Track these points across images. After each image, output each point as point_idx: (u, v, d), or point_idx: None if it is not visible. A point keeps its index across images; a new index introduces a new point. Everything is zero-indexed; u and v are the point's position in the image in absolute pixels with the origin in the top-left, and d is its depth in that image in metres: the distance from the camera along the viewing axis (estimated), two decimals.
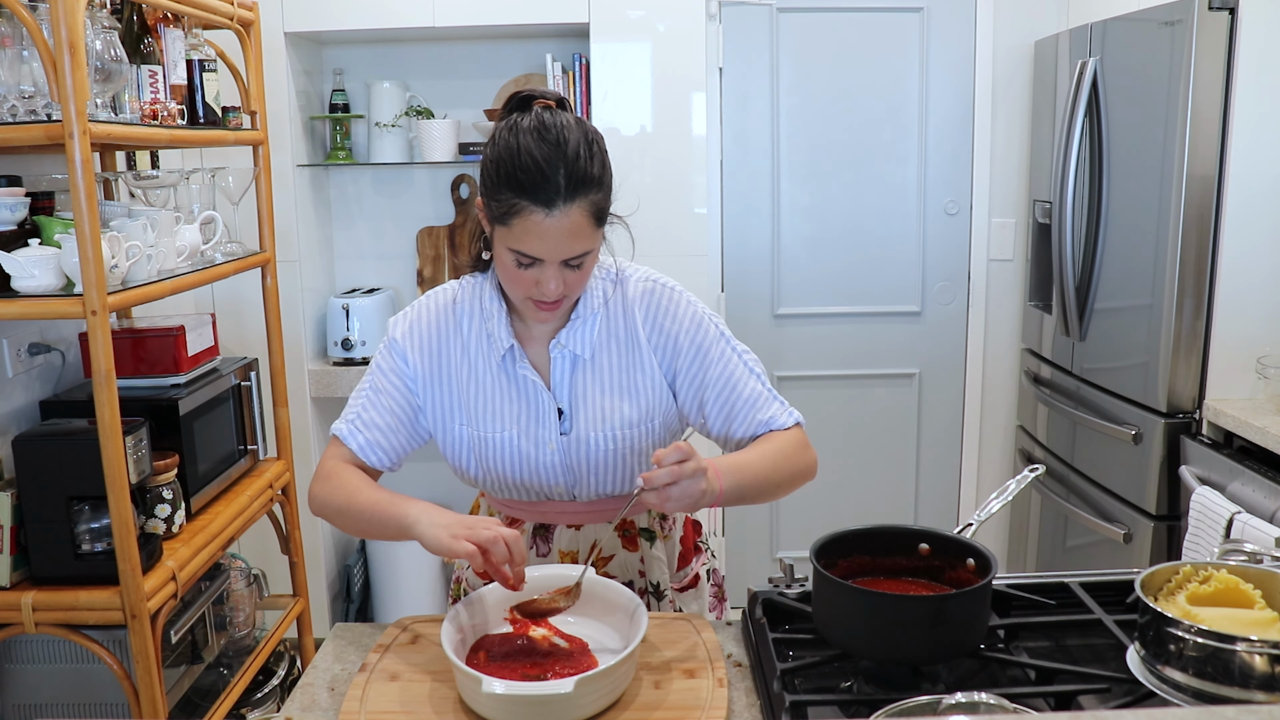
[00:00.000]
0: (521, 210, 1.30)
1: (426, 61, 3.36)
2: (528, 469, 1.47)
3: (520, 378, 1.46)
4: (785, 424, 1.49)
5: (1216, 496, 2.27)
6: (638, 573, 1.55)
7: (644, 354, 1.47)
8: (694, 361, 1.48)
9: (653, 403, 1.47)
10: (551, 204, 1.29)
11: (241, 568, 2.49)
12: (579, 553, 1.53)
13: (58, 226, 1.89)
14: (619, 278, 1.50)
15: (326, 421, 3.38)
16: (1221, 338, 2.46)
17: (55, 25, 1.65)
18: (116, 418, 1.79)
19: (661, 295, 1.49)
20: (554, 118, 1.33)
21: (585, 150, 1.32)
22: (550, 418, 1.46)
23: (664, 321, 1.48)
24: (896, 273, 3.52)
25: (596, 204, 1.33)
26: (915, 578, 1.33)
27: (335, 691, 1.28)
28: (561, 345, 1.46)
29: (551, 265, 1.33)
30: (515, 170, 1.30)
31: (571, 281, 1.36)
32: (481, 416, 1.47)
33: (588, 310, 1.46)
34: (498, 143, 1.34)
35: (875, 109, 3.43)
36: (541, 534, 1.54)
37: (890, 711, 1.02)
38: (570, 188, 1.29)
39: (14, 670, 2.06)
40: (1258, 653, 1.02)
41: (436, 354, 1.49)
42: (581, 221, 1.31)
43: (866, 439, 3.62)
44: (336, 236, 3.49)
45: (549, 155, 1.29)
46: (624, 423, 1.46)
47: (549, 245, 1.31)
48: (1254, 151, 2.37)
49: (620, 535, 1.54)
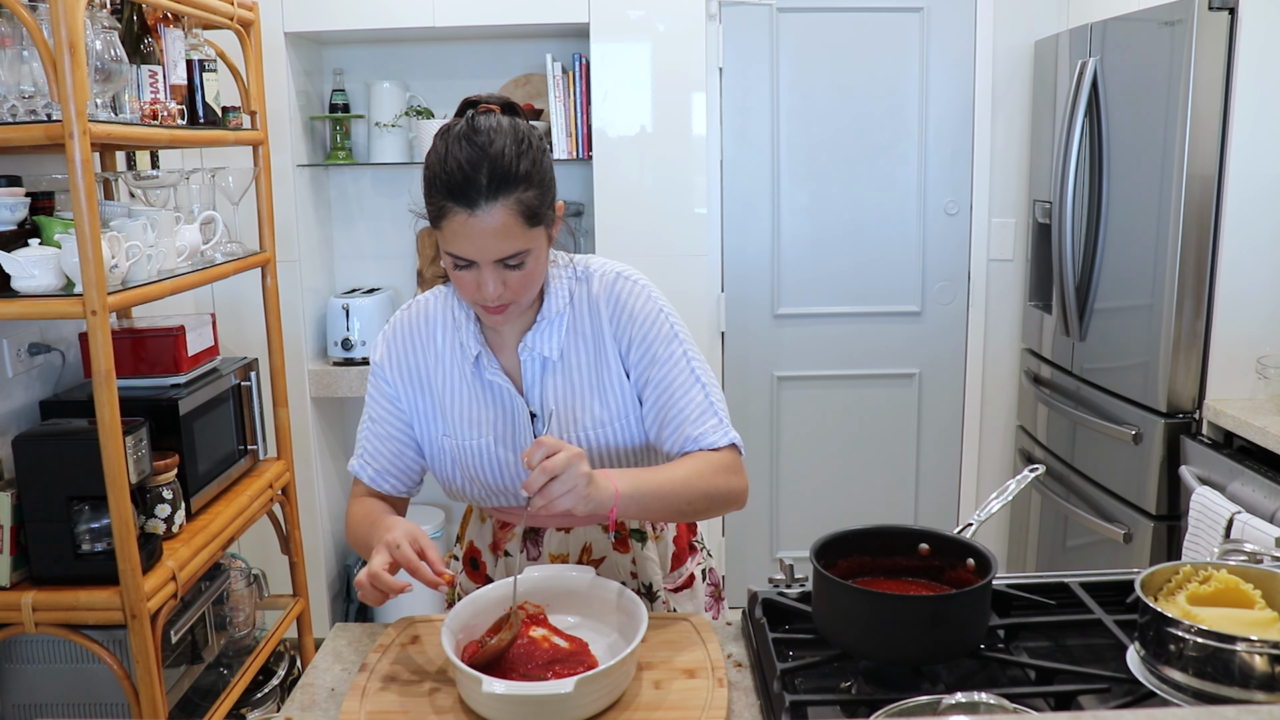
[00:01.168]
0: (448, 212, 1.30)
1: (426, 61, 3.36)
2: (508, 474, 1.48)
3: (491, 384, 1.47)
4: (716, 443, 1.43)
5: (1216, 496, 2.27)
6: (629, 574, 1.55)
7: (608, 350, 1.46)
8: (641, 358, 1.46)
9: (623, 400, 1.46)
10: (474, 204, 1.29)
11: (241, 568, 2.49)
12: (569, 555, 1.53)
13: (58, 226, 1.89)
14: (584, 275, 1.49)
15: (327, 421, 3.39)
16: (1221, 338, 2.46)
17: (55, 25, 1.65)
18: (116, 418, 1.79)
19: (622, 288, 1.47)
20: (487, 120, 1.33)
21: (513, 149, 1.31)
22: (523, 422, 1.46)
23: (621, 315, 1.46)
24: (896, 273, 3.52)
25: (525, 203, 1.31)
26: (915, 578, 1.33)
27: (335, 691, 1.28)
28: (529, 349, 1.45)
29: (486, 266, 1.33)
30: (442, 173, 1.31)
31: (514, 284, 1.35)
32: (460, 425, 1.48)
33: (553, 311, 1.45)
34: (433, 148, 1.35)
35: (875, 109, 3.43)
36: (531, 538, 1.54)
37: (890, 711, 1.02)
38: (492, 187, 1.29)
39: (14, 670, 2.06)
40: (1258, 653, 1.02)
41: (414, 368, 1.50)
42: (509, 220, 1.30)
43: (866, 439, 3.62)
44: (336, 236, 3.49)
45: (473, 157, 1.29)
46: (595, 422, 1.45)
47: (476, 245, 1.31)
48: (1254, 151, 2.37)
49: (611, 536, 1.54)
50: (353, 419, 3.57)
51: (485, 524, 1.59)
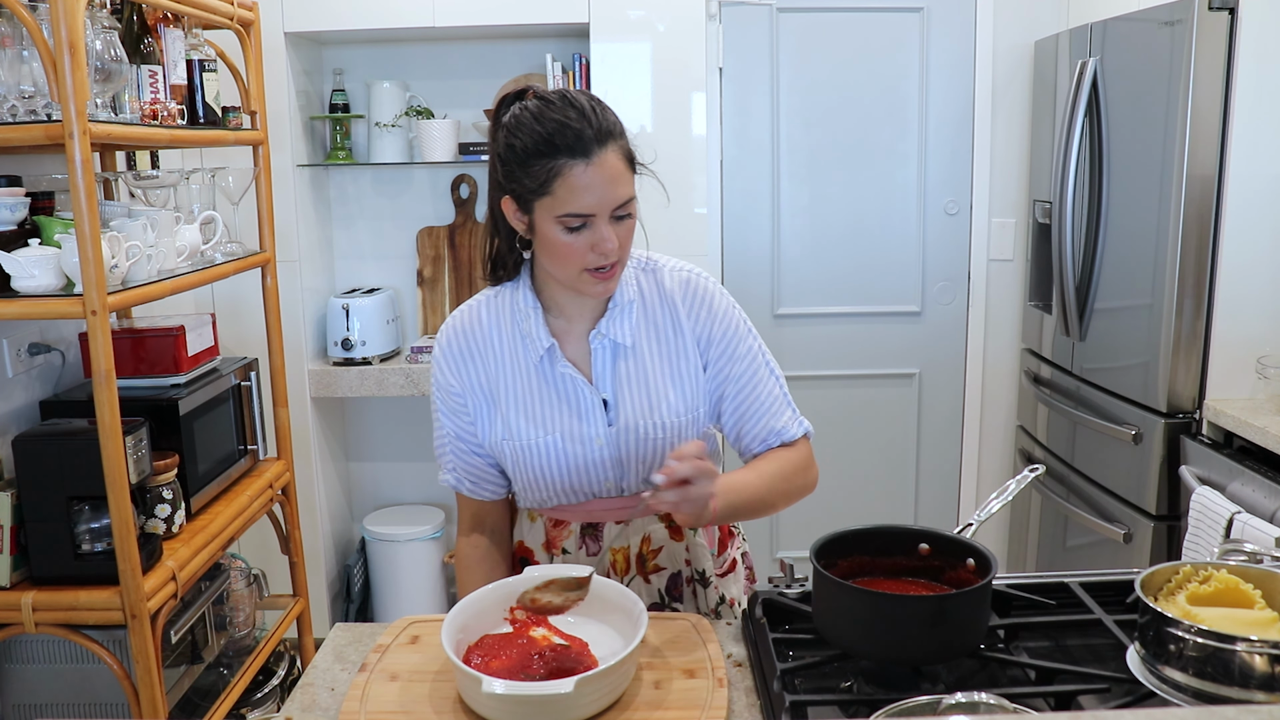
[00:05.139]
0: (562, 169, 1.33)
1: (426, 61, 3.36)
2: (575, 470, 1.48)
3: (561, 376, 1.47)
4: (794, 434, 1.52)
5: (1216, 496, 2.27)
6: (684, 562, 1.55)
7: (687, 342, 1.50)
8: (722, 355, 1.50)
9: (695, 392, 1.49)
10: (589, 152, 1.33)
11: (241, 568, 2.49)
12: (630, 547, 1.54)
13: (58, 226, 1.90)
14: (650, 267, 1.53)
15: (326, 421, 3.38)
16: (1221, 338, 2.46)
17: (55, 25, 1.65)
18: (116, 418, 1.79)
19: (700, 284, 1.52)
20: (553, 91, 1.39)
21: (597, 104, 1.37)
22: (596, 411, 1.47)
23: (701, 310, 1.50)
24: (896, 273, 3.52)
25: (624, 149, 1.38)
26: (915, 578, 1.33)
27: (335, 691, 1.28)
28: (602, 335, 1.47)
29: (603, 219, 1.35)
30: (547, 136, 1.33)
31: (623, 236, 1.39)
32: (522, 425, 1.48)
33: (624, 299, 1.48)
34: (514, 128, 1.37)
35: (875, 109, 3.43)
36: (590, 533, 1.54)
37: (890, 711, 1.02)
38: (599, 136, 1.34)
39: (14, 670, 2.06)
40: (1258, 653, 1.02)
41: (473, 374, 1.50)
42: (618, 165, 1.36)
43: (866, 439, 3.62)
44: (336, 236, 3.49)
45: (570, 114, 1.34)
46: (670, 410, 1.47)
47: (597, 194, 1.34)
48: (1254, 151, 2.37)
49: (666, 526, 1.55)
50: (353, 419, 3.57)
51: (536, 523, 1.58)
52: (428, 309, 3.48)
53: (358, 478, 3.62)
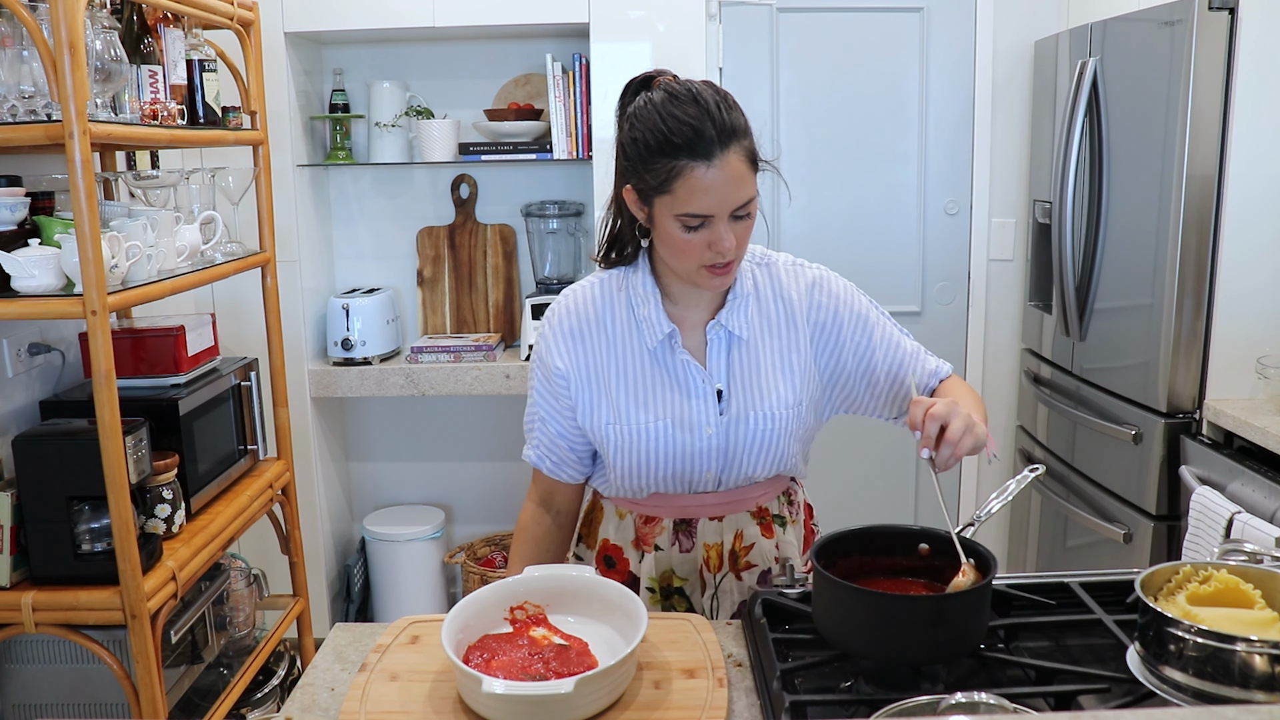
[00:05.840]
0: (683, 170, 1.33)
1: (426, 61, 3.36)
2: (680, 457, 1.48)
3: (677, 363, 1.48)
4: (947, 371, 1.61)
5: (1216, 496, 2.27)
6: (774, 559, 1.56)
7: (800, 336, 1.51)
8: (858, 330, 1.54)
9: (804, 385, 1.51)
10: (710, 154, 1.33)
11: (241, 568, 2.49)
12: (723, 544, 1.53)
13: (58, 226, 1.89)
14: (765, 262, 1.54)
15: (327, 421, 3.38)
16: (1221, 338, 2.46)
17: (55, 25, 1.65)
18: (116, 418, 1.79)
19: (817, 275, 1.55)
20: (680, 84, 1.38)
21: (723, 102, 1.37)
22: (709, 399, 1.47)
23: (823, 299, 1.53)
24: (896, 272, 3.52)
25: (747, 149, 1.38)
26: (915, 578, 1.33)
27: (335, 691, 1.28)
28: (721, 325, 1.48)
29: (721, 220, 1.36)
30: (668, 135, 1.33)
31: (741, 235, 1.39)
32: (632, 410, 1.48)
33: (741, 292, 1.49)
34: (637, 120, 1.37)
35: (875, 109, 3.43)
36: (684, 529, 1.54)
37: (890, 711, 1.02)
38: (722, 137, 1.34)
39: (14, 670, 2.06)
40: (1258, 653, 1.02)
41: (582, 356, 1.50)
42: (740, 167, 1.36)
43: (866, 439, 3.62)
44: (336, 236, 3.49)
45: (694, 113, 1.33)
46: (781, 403, 1.48)
47: (716, 198, 1.34)
48: (1254, 151, 2.37)
49: (757, 523, 1.55)
50: (353, 419, 3.57)
51: (625, 520, 1.57)
52: (428, 309, 3.48)
53: (358, 478, 3.62)
